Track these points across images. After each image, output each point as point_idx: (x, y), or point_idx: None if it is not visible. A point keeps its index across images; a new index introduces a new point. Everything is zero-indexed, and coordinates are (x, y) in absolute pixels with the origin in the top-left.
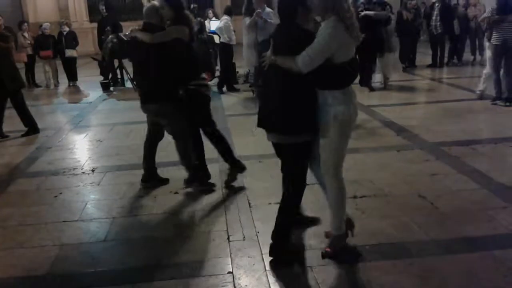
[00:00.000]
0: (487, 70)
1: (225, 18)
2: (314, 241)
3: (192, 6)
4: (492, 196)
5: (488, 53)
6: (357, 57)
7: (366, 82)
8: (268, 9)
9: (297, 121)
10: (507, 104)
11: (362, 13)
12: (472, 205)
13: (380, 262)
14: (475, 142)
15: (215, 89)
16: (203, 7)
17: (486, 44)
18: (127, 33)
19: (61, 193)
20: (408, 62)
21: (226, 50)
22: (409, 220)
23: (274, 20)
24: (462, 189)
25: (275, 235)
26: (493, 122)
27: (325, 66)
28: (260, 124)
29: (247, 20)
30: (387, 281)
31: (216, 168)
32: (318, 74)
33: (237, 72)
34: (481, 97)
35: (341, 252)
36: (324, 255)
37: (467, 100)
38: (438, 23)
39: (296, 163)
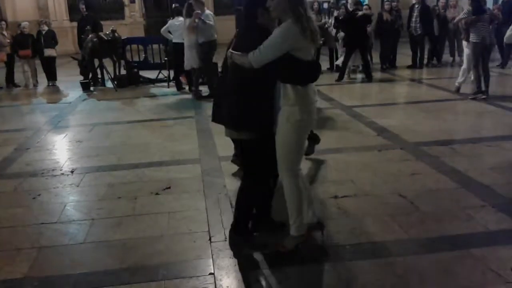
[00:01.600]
0: (464, 65)
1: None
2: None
3: (174, 5)
4: (471, 195)
5: (466, 51)
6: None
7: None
8: (207, 11)
9: (246, 118)
10: (484, 97)
11: (360, 13)
12: (451, 204)
13: (360, 262)
14: (454, 142)
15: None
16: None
17: (464, 43)
18: (107, 32)
19: (39, 195)
20: (389, 63)
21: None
22: (389, 220)
23: (213, 22)
24: (442, 188)
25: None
26: (472, 123)
27: (285, 60)
28: (214, 119)
29: (187, 22)
30: (367, 280)
31: (198, 169)
32: (277, 67)
33: (220, 72)
34: (458, 90)
35: (291, 253)
36: (276, 250)
37: (447, 101)
38: (418, 25)
39: (248, 159)
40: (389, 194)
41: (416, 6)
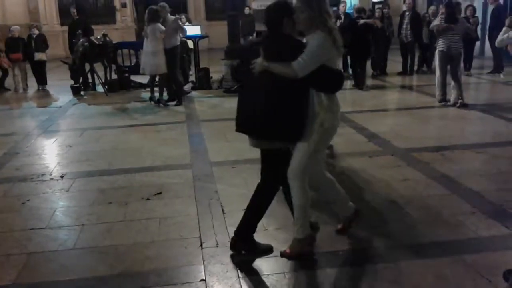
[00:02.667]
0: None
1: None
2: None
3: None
4: (461, 201)
5: (436, 60)
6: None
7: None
8: (170, 17)
9: (284, 127)
10: (458, 106)
11: (362, 21)
12: (442, 210)
13: (352, 268)
14: (444, 148)
15: (189, 94)
16: (176, 12)
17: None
18: (98, 37)
19: (28, 200)
20: (379, 70)
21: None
22: (381, 225)
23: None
24: (432, 194)
25: (241, 230)
26: (462, 129)
27: (320, 71)
28: (242, 129)
29: (158, 27)
30: (359, 286)
31: (190, 174)
32: (314, 77)
33: (211, 77)
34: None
35: (298, 256)
36: (282, 255)
37: (437, 107)
38: (408, 32)
39: (275, 166)
40: (380, 200)
41: (407, 13)
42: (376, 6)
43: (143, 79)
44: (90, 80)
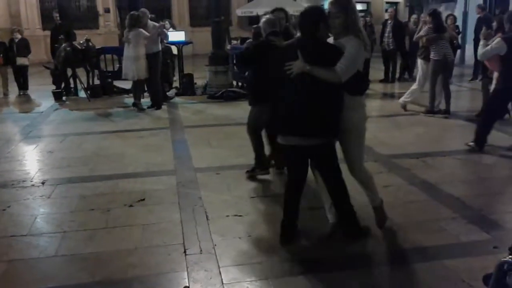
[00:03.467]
0: (415, 86)
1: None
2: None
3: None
4: (442, 207)
5: (420, 71)
6: None
7: None
8: (151, 22)
9: (326, 124)
10: (446, 116)
11: None
12: (423, 216)
13: (335, 273)
14: (425, 155)
15: (173, 100)
16: (160, 18)
17: (420, 62)
18: (81, 42)
19: (9, 207)
20: None
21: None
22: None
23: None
24: (414, 200)
25: (347, 215)
26: (442, 136)
27: (354, 76)
28: (287, 130)
29: (141, 32)
30: None
31: (173, 181)
32: (350, 82)
33: (195, 83)
34: (405, 107)
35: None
36: (380, 226)
37: (418, 115)
38: (390, 40)
39: (330, 160)
40: (363, 206)
41: (389, 22)
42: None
43: (126, 85)
44: (72, 86)
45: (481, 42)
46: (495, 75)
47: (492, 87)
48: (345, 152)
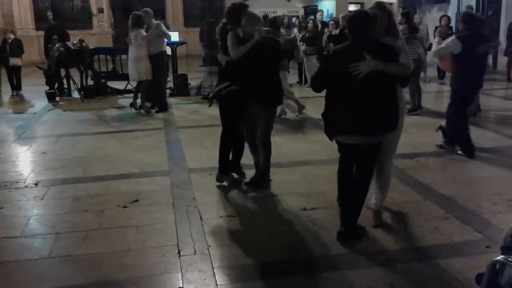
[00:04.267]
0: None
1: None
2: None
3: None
4: (436, 207)
5: None
6: None
7: None
8: (158, 21)
9: (393, 120)
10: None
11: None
12: (417, 216)
13: (330, 274)
14: (419, 155)
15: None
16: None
17: None
18: (74, 42)
19: (2, 208)
20: None
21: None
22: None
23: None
24: (408, 200)
25: (350, 221)
26: (436, 136)
27: None
28: (355, 129)
29: (140, 33)
30: None
31: (167, 182)
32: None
33: (189, 84)
34: None
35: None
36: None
37: (412, 115)
38: None
39: (372, 160)
40: None
41: None
42: None
43: (120, 85)
44: (65, 86)
45: (436, 39)
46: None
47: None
48: (388, 146)
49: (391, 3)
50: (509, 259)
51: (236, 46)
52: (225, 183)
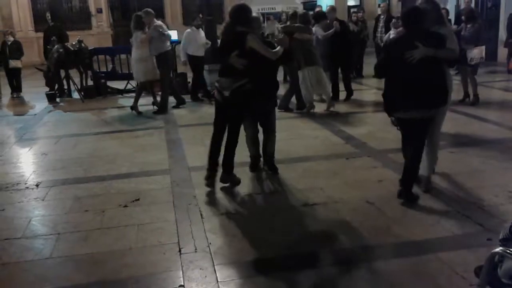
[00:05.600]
0: None
1: (188, 30)
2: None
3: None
4: (435, 201)
5: None
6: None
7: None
8: (159, 22)
9: (445, 95)
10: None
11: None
12: (417, 209)
13: (330, 268)
14: None
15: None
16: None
17: None
18: (73, 43)
19: (3, 210)
20: (355, 73)
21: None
22: (358, 226)
23: (168, 32)
24: None
25: (407, 185)
26: None
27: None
28: (413, 104)
29: (139, 35)
30: (336, 286)
31: (168, 180)
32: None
33: (189, 82)
34: None
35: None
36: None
37: None
38: (383, 35)
39: (427, 132)
40: (357, 200)
41: (382, 17)
42: (352, 10)
43: (120, 85)
44: (65, 87)
45: (391, 31)
46: None
47: None
48: (437, 118)
49: None
50: (508, 251)
51: (269, 49)
52: (229, 184)
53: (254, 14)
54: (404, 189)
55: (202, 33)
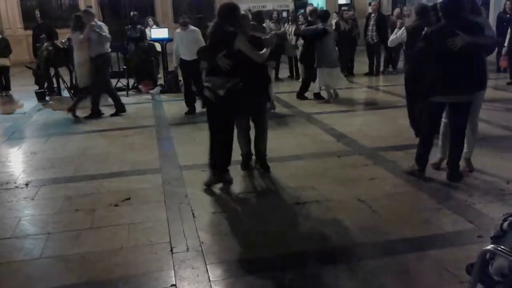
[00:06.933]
0: None
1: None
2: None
3: (132, 13)
4: (427, 198)
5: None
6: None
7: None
8: (100, 23)
9: (484, 80)
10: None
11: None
12: (409, 207)
13: (323, 266)
14: (409, 147)
15: (158, 97)
16: (143, 15)
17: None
18: (63, 41)
19: None
20: (346, 71)
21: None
22: (349, 224)
23: (107, 33)
24: (399, 192)
25: (455, 165)
26: None
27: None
28: (455, 89)
29: (78, 36)
30: (329, 285)
31: (159, 179)
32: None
33: (180, 80)
34: None
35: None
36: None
37: (402, 107)
38: (374, 33)
39: (468, 115)
40: (349, 199)
41: (372, 15)
42: (342, 8)
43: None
44: (55, 85)
45: (396, 30)
46: None
47: None
48: (476, 102)
49: None
50: (499, 248)
51: (256, 51)
52: (224, 183)
53: (242, 11)
54: (453, 171)
55: (193, 32)
